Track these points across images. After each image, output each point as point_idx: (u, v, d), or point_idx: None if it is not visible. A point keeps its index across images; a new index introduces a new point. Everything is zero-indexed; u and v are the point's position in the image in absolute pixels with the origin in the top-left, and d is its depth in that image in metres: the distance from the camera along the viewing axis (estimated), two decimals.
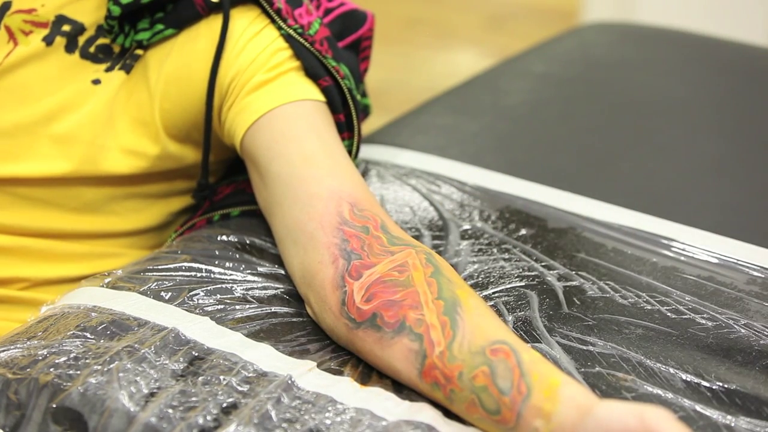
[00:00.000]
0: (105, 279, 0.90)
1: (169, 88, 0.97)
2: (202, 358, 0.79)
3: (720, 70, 1.47)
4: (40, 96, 0.97)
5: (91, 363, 0.77)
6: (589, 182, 1.12)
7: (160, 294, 0.87)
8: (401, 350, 0.77)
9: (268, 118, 0.94)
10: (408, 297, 0.78)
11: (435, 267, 0.80)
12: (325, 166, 0.90)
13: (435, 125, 1.27)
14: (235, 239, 0.97)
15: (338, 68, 0.98)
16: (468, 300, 0.77)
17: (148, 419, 0.72)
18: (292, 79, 0.96)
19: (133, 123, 0.98)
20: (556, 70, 1.47)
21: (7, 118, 0.96)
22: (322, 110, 0.96)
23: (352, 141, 1.00)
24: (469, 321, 0.75)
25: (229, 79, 0.96)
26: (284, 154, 0.91)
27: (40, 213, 0.98)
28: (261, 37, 0.97)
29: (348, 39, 1.07)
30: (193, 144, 1.00)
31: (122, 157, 0.98)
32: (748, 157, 1.21)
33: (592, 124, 1.30)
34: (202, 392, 0.75)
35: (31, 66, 0.97)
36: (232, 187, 1.05)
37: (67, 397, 0.74)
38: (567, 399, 0.68)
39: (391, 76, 2.62)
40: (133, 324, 0.83)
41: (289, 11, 0.98)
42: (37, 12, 0.97)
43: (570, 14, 2.91)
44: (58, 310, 0.86)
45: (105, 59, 0.98)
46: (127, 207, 1.02)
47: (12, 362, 0.78)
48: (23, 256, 0.98)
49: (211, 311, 0.86)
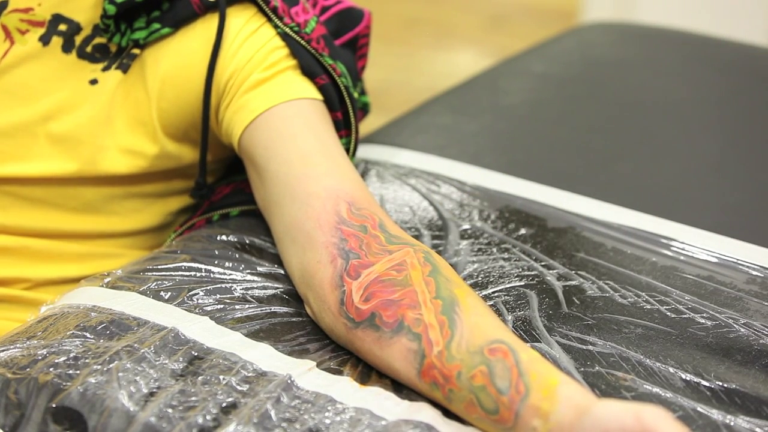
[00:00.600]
0: (105, 279, 0.90)
1: (166, 87, 0.97)
2: (201, 357, 0.79)
3: (720, 70, 1.47)
4: (38, 96, 0.97)
5: (90, 363, 0.77)
6: (589, 182, 1.12)
7: (160, 294, 0.87)
8: (400, 350, 0.77)
9: (265, 117, 0.94)
10: (406, 296, 0.78)
11: (433, 266, 0.80)
12: (322, 165, 0.90)
13: (435, 125, 1.27)
14: (235, 239, 0.97)
15: (335, 66, 0.98)
16: (466, 299, 0.77)
17: (147, 419, 0.72)
18: (288, 78, 0.96)
19: (131, 122, 0.98)
20: (555, 69, 1.47)
21: (5, 118, 0.96)
22: (319, 108, 0.96)
23: (350, 139, 1.00)
24: (467, 320, 0.75)
25: (226, 78, 0.96)
26: (282, 153, 0.91)
27: (40, 213, 0.98)
28: (257, 35, 0.97)
29: (345, 37, 1.07)
30: (191, 143, 1.00)
31: (121, 156, 0.98)
32: (748, 156, 1.21)
33: (591, 124, 1.30)
34: (201, 392, 0.75)
35: (28, 66, 0.97)
36: (232, 187, 1.05)
37: (67, 397, 0.74)
38: (565, 399, 0.68)
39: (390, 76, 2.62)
40: (132, 324, 0.83)
41: (286, 9, 0.98)
42: (33, 11, 0.97)
43: (570, 14, 2.91)
44: (58, 310, 0.86)
45: (102, 59, 0.98)
46: (127, 207, 1.02)
47: (12, 362, 0.78)
48: (23, 256, 0.98)
49: (210, 311, 0.86)
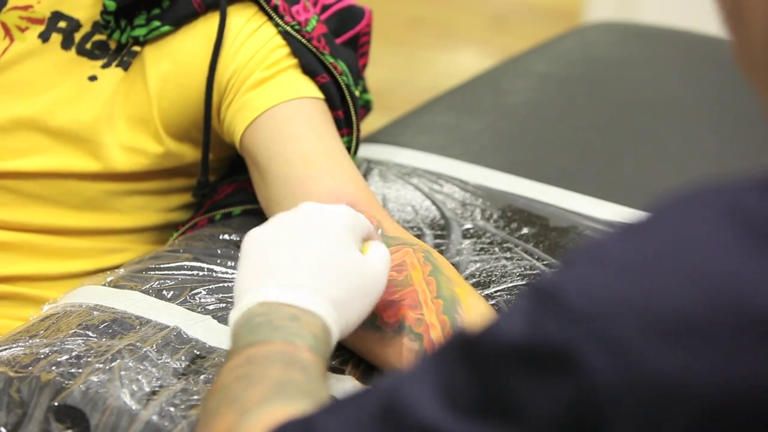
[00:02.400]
0: (107, 277, 0.90)
1: (167, 86, 0.97)
2: (203, 356, 0.79)
3: (722, 70, 1.46)
4: (37, 92, 0.97)
5: (92, 361, 0.77)
6: (591, 181, 1.12)
7: (162, 293, 0.87)
8: (401, 350, 0.76)
9: (266, 116, 0.94)
10: (407, 296, 0.78)
11: (433, 265, 0.80)
12: (324, 165, 0.90)
13: (437, 124, 1.27)
14: (237, 238, 0.97)
15: (336, 65, 0.98)
16: (467, 298, 0.77)
17: (149, 417, 0.72)
18: (290, 77, 0.96)
19: (132, 121, 0.98)
20: (558, 69, 1.47)
21: (4, 114, 0.96)
22: (320, 107, 0.96)
23: (351, 138, 1.00)
24: (469, 319, 0.75)
25: (227, 77, 0.96)
26: (283, 153, 0.91)
27: (41, 209, 0.98)
28: (258, 34, 0.97)
29: (346, 35, 1.07)
30: (192, 142, 1.00)
31: (122, 154, 0.98)
32: (749, 156, 1.21)
33: (594, 123, 1.30)
34: (203, 390, 0.75)
35: (28, 62, 0.97)
36: (234, 186, 1.05)
37: (69, 395, 0.74)
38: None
39: (393, 76, 2.62)
40: (135, 322, 0.83)
41: (286, 8, 0.98)
42: (33, 8, 0.97)
43: (572, 14, 2.91)
44: (60, 309, 0.86)
45: (101, 56, 0.98)
46: (129, 204, 1.02)
47: (14, 360, 0.78)
48: (25, 253, 0.98)
49: (212, 310, 0.86)
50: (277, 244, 0.70)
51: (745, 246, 0.42)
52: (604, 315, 0.41)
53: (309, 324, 0.65)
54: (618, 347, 0.41)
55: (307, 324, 0.65)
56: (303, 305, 0.66)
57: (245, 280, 0.69)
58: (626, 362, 0.41)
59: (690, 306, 0.41)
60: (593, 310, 0.42)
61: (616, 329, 0.41)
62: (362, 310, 0.70)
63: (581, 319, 0.42)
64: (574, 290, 0.42)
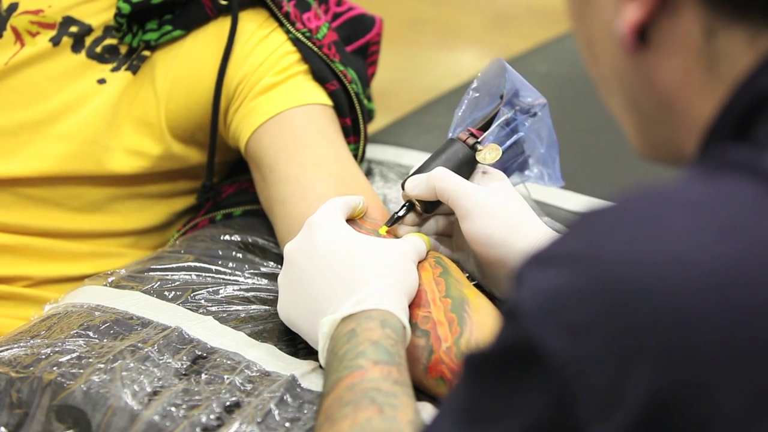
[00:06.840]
0: (108, 278, 0.91)
1: (176, 88, 0.97)
2: (205, 357, 0.79)
3: None
4: (46, 96, 0.97)
5: (94, 362, 0.77)
6: (592, 181, 1.12)
7: (164, 293, 0.87)
8: (407, 346, 0.77)
9: (276, 121, 0.94)
10: (416, 295, 0.78)
11: (444, 268, 0.81)
12: (333, 171, 0.91)
13: (438, 125, 1.27)
14: (238, 239, 0.97)
15: (345, 72, 0.98)
16: (475, 299, 0.78)
17: (151, 417, 0.72)
18: (300, 83, 0.96)
19: (137, 123, 0.98)
20: (559, 70, 1.47)
21: (13, 117, 0.97)
22: (329, 114, 0.96)
23: (358, 145, 1.01)
24: (477, 319, 0.76)
25: (236, 82, 0.96)
26: (293, 156, 0.92)
27: (43, 212, 0.98)
28: (269, 40, 0.97)
29: (356, 44, 1.07)
30: (197, 145, 1.01)
31: (125, 157, 0.98)
32: None
33: (595, 124, 1.30)
34: (205, 391, 0.75)
35: (38, 66, 0.97)
36: (235, 186, 1.06)
37: (70, 395, 0.74)
38: None
39: (394, 76, 2.62)
40: (136, 323, 0.83)
41: (298, 15, 0.98)
42: (44, 13, 0.97)
43: None
44: (62, 309, 0.86)
45: (111, 59, 0.98)
46: (130, 207, 1.02)
47: (15, 361, 0.78)
48: (26, 255, 0.98)
49: (214, 311, 0.86)
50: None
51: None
52: (550, 303, 0.46)
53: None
54: (569, 326, 0.45)
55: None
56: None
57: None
58: (578, 337, 0.45)
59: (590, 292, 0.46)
60: (541, 303, 0.46)
61: (562, 311, 0.46)
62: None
63: (532, 313, 0.46)
64: (526, 296, 0.47)
